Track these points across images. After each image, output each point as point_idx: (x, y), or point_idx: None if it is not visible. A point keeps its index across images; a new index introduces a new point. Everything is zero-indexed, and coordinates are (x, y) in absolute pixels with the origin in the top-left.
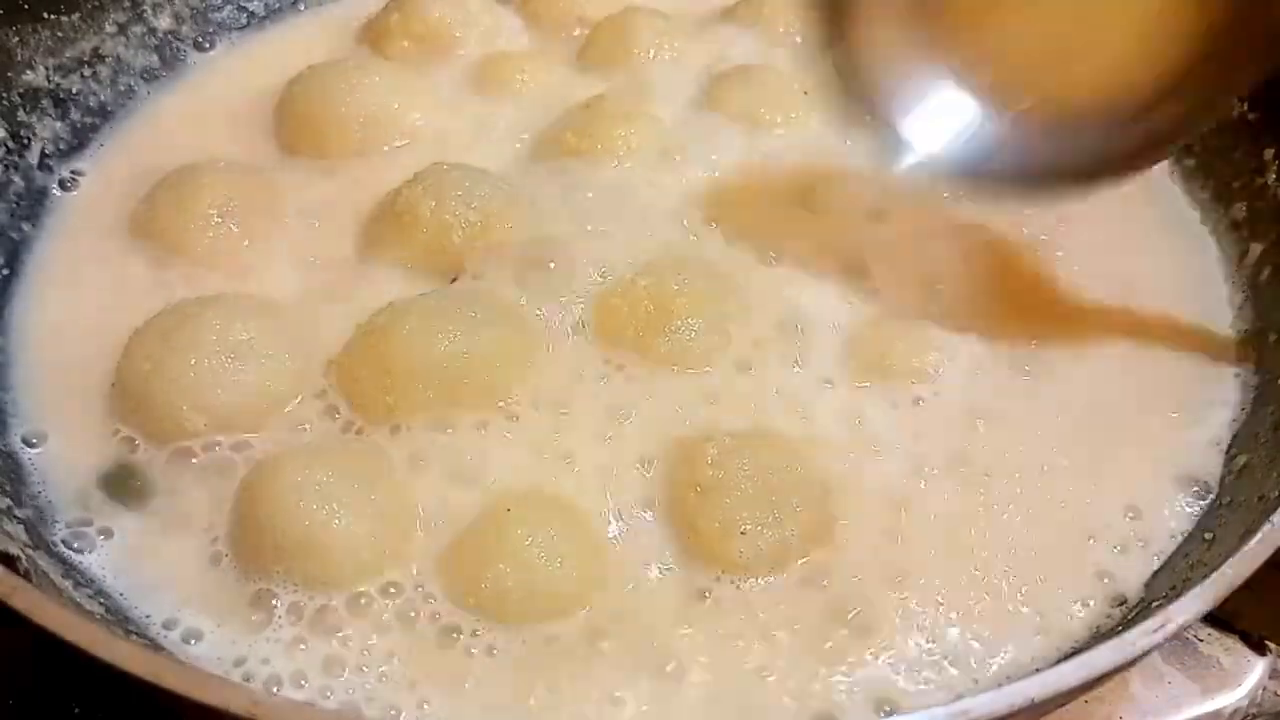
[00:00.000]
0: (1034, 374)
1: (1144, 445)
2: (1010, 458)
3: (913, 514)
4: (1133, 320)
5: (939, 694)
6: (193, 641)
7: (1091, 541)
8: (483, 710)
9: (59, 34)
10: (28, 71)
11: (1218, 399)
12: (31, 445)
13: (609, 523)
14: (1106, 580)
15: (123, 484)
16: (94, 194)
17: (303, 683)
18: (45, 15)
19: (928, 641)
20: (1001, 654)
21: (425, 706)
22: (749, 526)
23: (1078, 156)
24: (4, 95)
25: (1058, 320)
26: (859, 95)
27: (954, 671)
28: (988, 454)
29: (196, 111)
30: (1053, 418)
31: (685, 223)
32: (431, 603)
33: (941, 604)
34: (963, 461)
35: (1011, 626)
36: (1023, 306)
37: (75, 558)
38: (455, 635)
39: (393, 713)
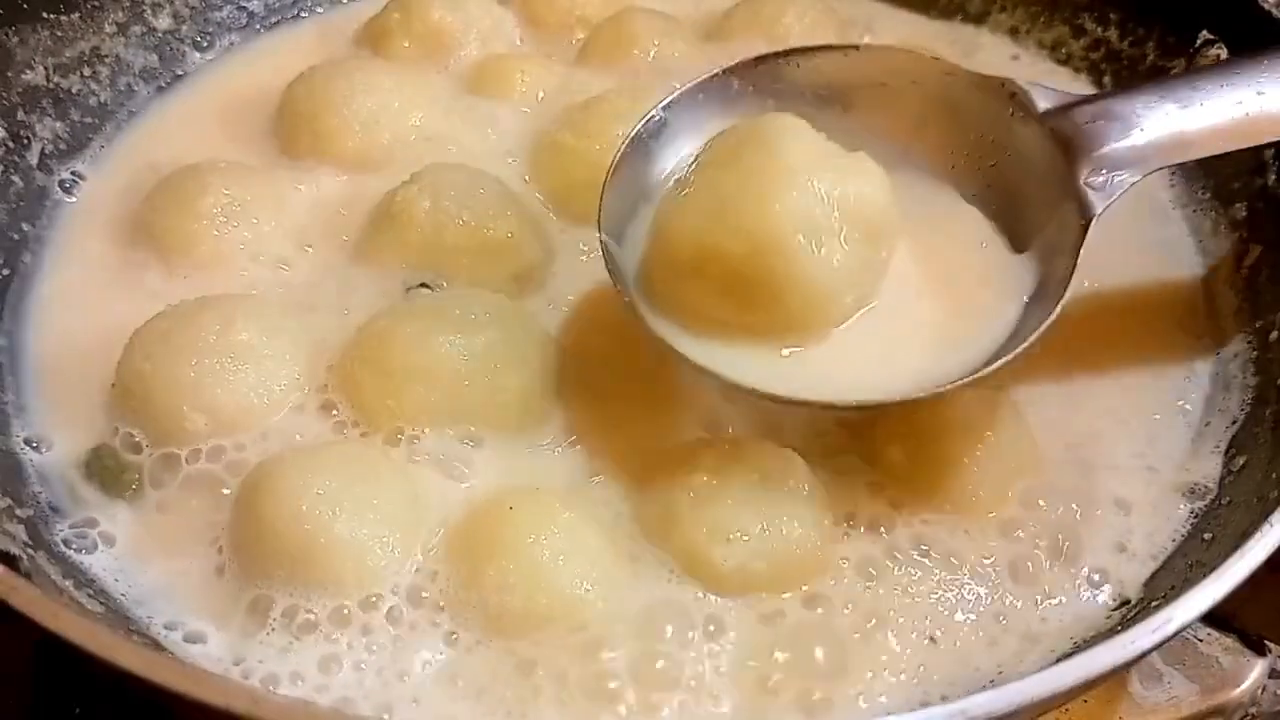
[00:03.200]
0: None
1: (1143, 445)
2: None
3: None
4: (1132, 321)
5: (938, 693)
6: (193, 642)
7: (1091, 542)
8: (475, 709)
9: (58, 34)
10: (27, 71)
11: (1217, 400)
12: (32, 446)
13: (609, 522)
14: (1106, 580)
15: (124, 484)
16: (94, 194)
17: (299, 682)
18: (45, 15)
19: (929, 641)
20: (1001, 654)
21: (416, 704)
22: (737, 534)
23: None
24: (4, 95)
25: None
26: None
27: (955, 672)
28: None
29: (196, 112)
30: (1052, 420)
31: None
32: (430, 603)
33: (943, 604)
34: None
35: (1011, 626)
36: None
37: (76, 558)
38: (452, 634)
39: (385, 715)
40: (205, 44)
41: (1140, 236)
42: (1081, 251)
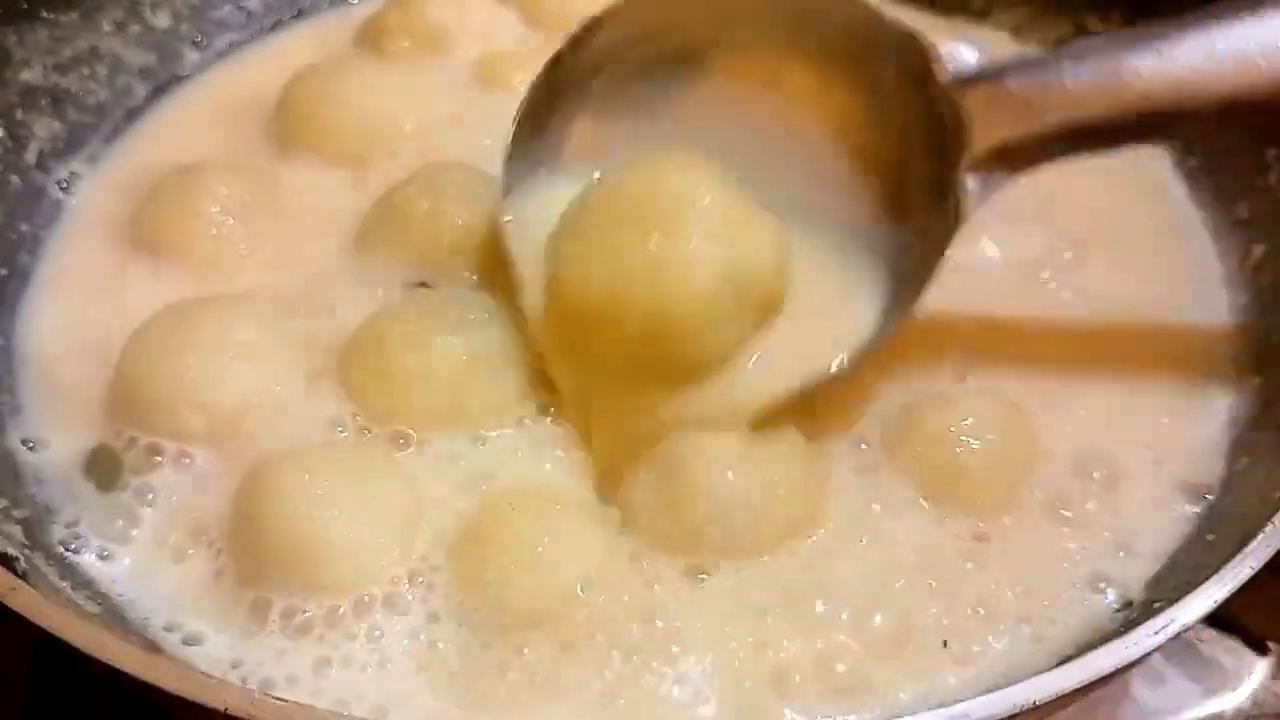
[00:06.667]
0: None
1: (1145, 447)
2: None
3: None
4: (1132, 322)
5: (939, 696)
6: (192, 644)
7: (1094, 543)
8: (471, 709)
9: (57, 33)
10: (25, 70)
11: (1219, 401)
12: (29, 446)
13: (611, 522)
14: (1108, 582)
15: (121, 485)
16: (92, 194)
17: (296, 685)
18: (43, 14)
19: (931, 642)
20: (1003, 656)
21: (411, 705)
22: (740, 517)
23: None
24: (1, 94)
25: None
26: None
27: (956, 673)
28: None
29: (195, 111)
30: (1053, 421)
31: None
32: (428, 603)
33: (944, 605)
34: None
35: (1013, 628)
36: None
37: (73, 559)
38: (449, 634)
39: (381, 717)
40: (204, 43)
41: (1139, 237)
42: (946, 249)
